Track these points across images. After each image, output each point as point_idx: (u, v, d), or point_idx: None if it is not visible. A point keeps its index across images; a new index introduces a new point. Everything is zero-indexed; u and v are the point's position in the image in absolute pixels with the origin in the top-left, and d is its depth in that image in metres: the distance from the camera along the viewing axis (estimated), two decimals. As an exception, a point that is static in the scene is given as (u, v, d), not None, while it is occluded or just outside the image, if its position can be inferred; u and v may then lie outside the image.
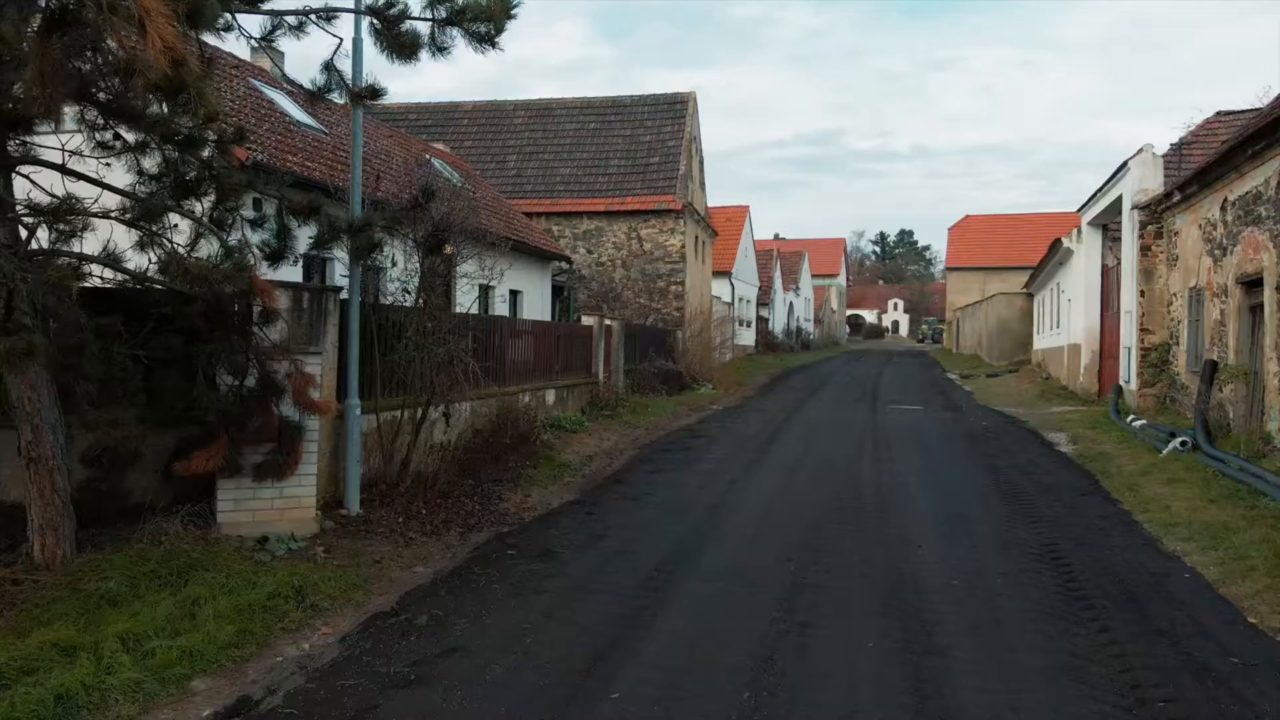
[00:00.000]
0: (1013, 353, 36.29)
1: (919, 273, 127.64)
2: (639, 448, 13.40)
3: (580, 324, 18.19)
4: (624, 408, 17.16)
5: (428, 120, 31.26)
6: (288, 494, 7.20)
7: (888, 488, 10.30)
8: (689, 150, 28.74)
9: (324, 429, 7.92)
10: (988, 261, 54.81)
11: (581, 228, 27.66)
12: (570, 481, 10.53)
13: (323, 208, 7.29)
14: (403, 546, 7.32)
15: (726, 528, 8.31)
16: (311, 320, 7.71)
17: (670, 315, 26.94)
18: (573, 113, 30.55)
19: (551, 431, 13.14)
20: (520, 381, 13.26)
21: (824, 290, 74.73)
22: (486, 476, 9.86)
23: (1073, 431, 15.19)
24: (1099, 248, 21.21)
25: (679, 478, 10.89)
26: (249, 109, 14.79)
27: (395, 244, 8.66)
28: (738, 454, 12.86)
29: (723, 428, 16.05)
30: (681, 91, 30.27)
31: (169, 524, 6.53)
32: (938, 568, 6.93)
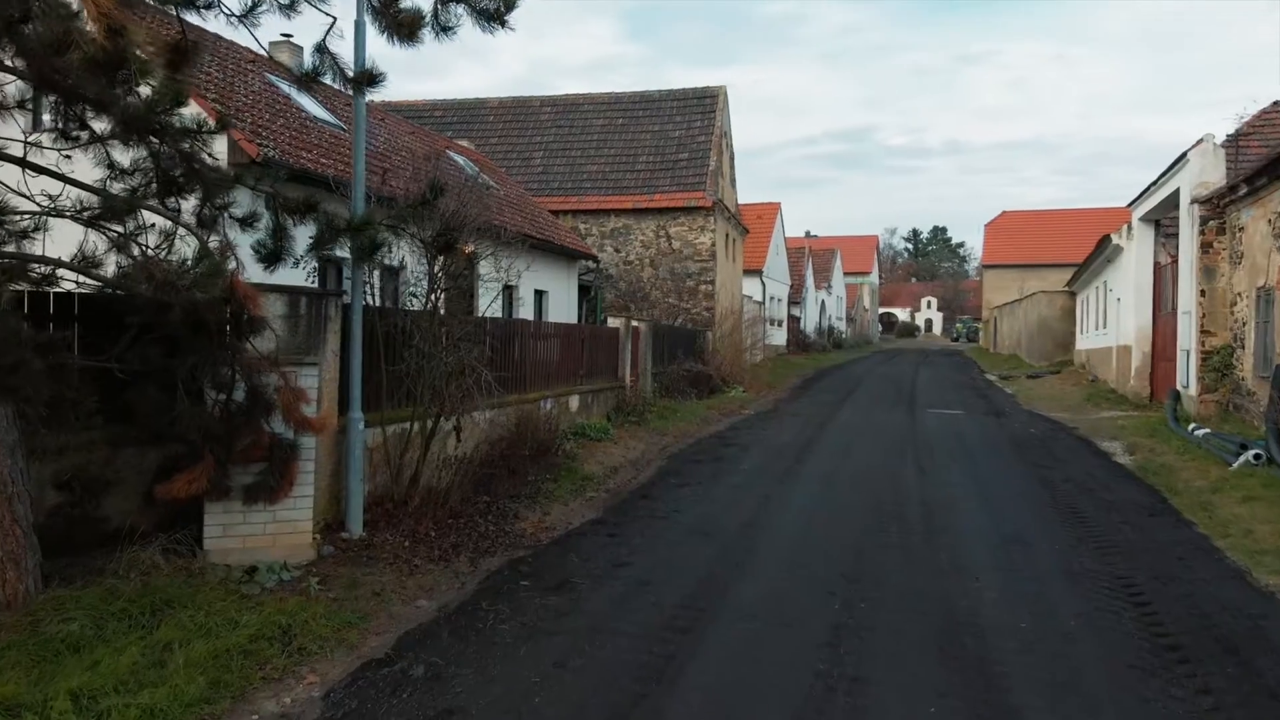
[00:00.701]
0: (1054, 353, 35.13)
1: (952, 270, 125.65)
2: (666, 457, 12.71)
3: (606, 326, 17.53)
4: (651, 413, 16.47)
5: (452, 118, 30.77)
6: (281, 518, 6.60)
7: (934, 504, 9.52)
8: (719, 146, 27.98)
9: (324, 445, 7.32)
10: (1026, 259, 53.44)
11: (609, 226, 27.00)
12: (593, 497, 9.86)
13: (320, 205, 6.67)
14: (407, 575, 6.69)
15: (761, 552, 7.60)
16: (310, 328, 7.11)
17: (700, 315, 26.21)
18: (600, 108, 29.89)
19: (575, 440, 12.49)
20: (542, 387, 12.63)
21: (856, 288, 73.55)
22: (503, 492, 9.22)
23: (1128, 440, 14.27)
24: (1151, 245, 20.17)
25: (709, 492, 10.18)
26: (264, 104, 14.31)
27: (404, 245, 8.04)
28: (771, 464, 12.13)
29: (755, 435, 15.32)
30: (711, 86, 29.51)
31: (148, 553, 5.95)
32: (1000, 605, 6.17)
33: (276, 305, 6.90)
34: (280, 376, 5.83)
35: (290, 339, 6.97)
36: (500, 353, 11.00)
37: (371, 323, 7.90)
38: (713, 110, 28.68)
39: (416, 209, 7.27)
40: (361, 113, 7.58)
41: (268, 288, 6.92)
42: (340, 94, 19.57)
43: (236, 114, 12.81)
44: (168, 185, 6.19)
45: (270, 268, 6.93)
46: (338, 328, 7.43)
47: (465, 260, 18.90)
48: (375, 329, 7.90)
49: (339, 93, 19.55)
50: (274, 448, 6.23)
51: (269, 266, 6.91)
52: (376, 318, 7.94)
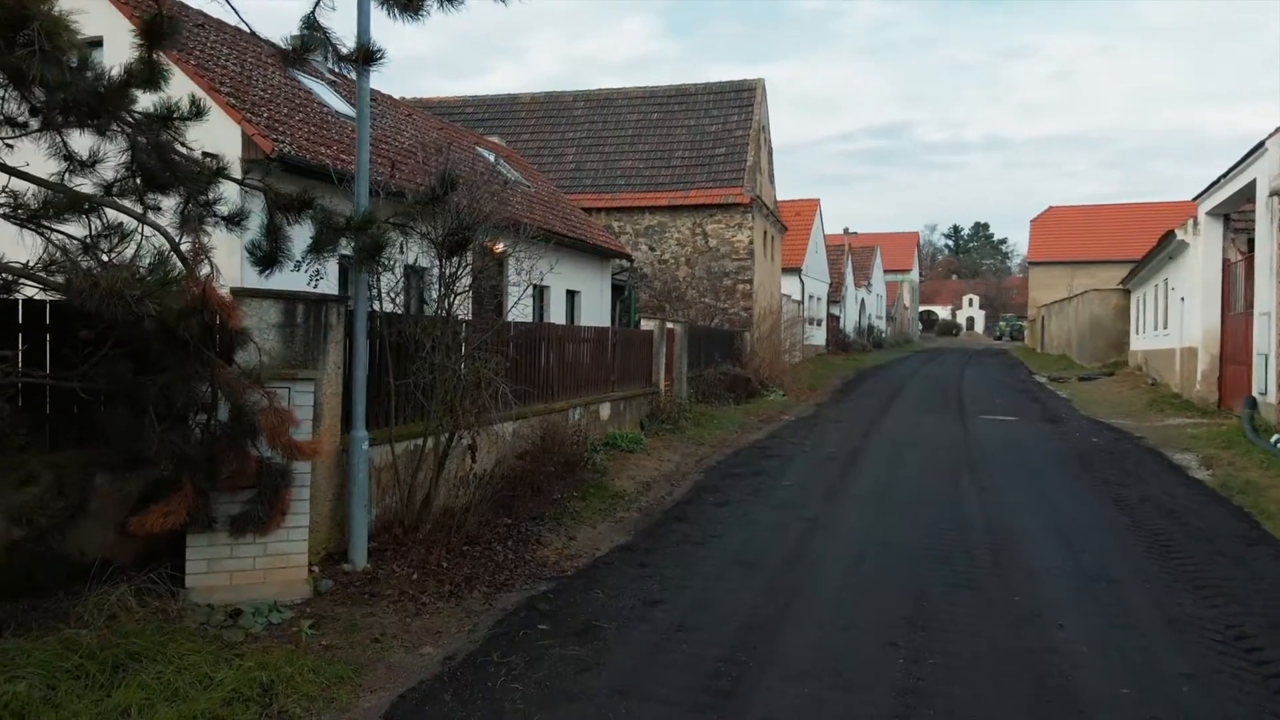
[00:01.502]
0: (1106, 353, 33.71)
1: (995, 267, 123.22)
2: (703, 470, 11.90)
3: (639, 329, 16.76)
4: (687, 420, 15.67)
5: (484, 114, 30.18)
6: (273, 551, 5.91)
7: (1000, 530, 8.61)
8: (757, 140, 27.06)
9: (325, 467, 6.63)
10: (1074, 255, 51.75)
11: (643, 223, 26.22)
12: (623, 518, 9.08)
13: (317, 201, 5.97)
14: (412, 616, 5.96)
15: (811, 590, 6.77)
16: (308, 337, 6.42)
17: (737, 316, 25.34)
18: (634, 103, 29.11)
19: (605, 452, 11.73)
20: (570, 395, 11.88)
21: (896, 286, 72.00)
22: (525, 513, 8.49)
23: (1203, 452, 13.19)
24: (1220, 240, 18.93)
25: (749, 512, 9.36)
26: (282, 99, 13.73)
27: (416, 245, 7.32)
28: (816, 479, 11.27)
29: (797, 444, 14.44)
30: (749, 79, 28.60)
31: (119, 593, 5.28)
32: (1093, 663, 5.29)
33: (270, 313, 6.23)
34: (265, 395, 5.12)
35: (286, 350, 6.29)
36: (525, 359, 10.27)
37: (379, 331, 7.20)
38: (750, 104, 27.77)
39: (425, 205, 6.53)
40: (365, 96, 6.87)
41: (261, 294, 6.26)
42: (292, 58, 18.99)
43: (252, 109, 12.25)
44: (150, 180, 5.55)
45: (266, 271, 6.25)
46: (340, 337, 6.74)
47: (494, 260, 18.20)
48: (384, 337, 7.20)
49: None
50: (263, 474, 5.54)
51: (265, 270, 6.24)
52: (385, 325, 7.23)
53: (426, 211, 6.62)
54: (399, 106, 19.38)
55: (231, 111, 11.64)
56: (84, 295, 4.11)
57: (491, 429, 9.00)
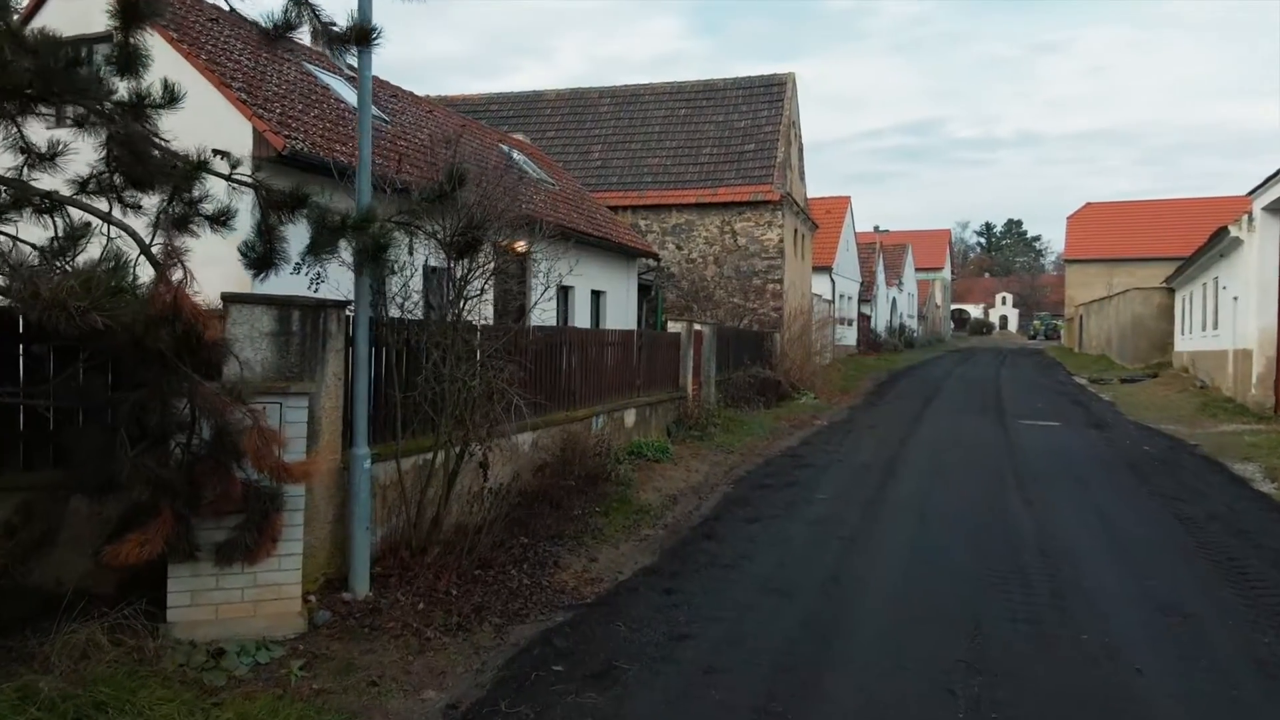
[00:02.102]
0: (1149, 354, 32.64)
1: (1028, 264, 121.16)
2: (733, 481, 11.30)
3: (665, 332, 16.20)
4: (715, 426, 15.07)
5: (509, 111, 29.74)
6: (263, 581, 5.41)
7: (1055, 551, 7.95)
8: (787, 136, 26.37)
9: (324, 487, 6.13)
10: (1112, 253, 50.40)
11: (670, 222, 25.63)
12: (648, 536, 8.52)
13: (311, 198, 5.47)
14: (415, 653, 5.44)
15: (853, 622, 6.16)
16: (304, 347, 5.92)
17: (767, 316, 24.68)
18: (661, 99, 28.53)
19: (629, 461, 11.17)
20: (593, 402, 11.34)
21: (928, 284, 70.84)
22: (544, 531, 7.95)
23: (1266, 462, 12.39)
24: (1277, 237, 18.00)
25: (783, 530, 8.76)
26: (298, 94, 13.32)
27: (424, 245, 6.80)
28: (852, 491, 10.64)
29: (830, 452, 13.80)
30: (779, 73, 27.91)
31: (90, 630, 4.80)
32: (1182, 717, 4.66)
33: (263, 321, 5.74)
34: (249, 414, 4.61)
35: (280, 361, 5.80)
36: (545, 365, 9.75)
37: (383, 338, 6.69)
38: (780, 99, 27.09)
39: (431, 203, 6.01)
40: (367, 83, 6.37)
41: (252, 299, 5.77)
42: (385, 84, 18.61)
43: (265, 104, 11.84)
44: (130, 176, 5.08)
45: (261, 275, 5.77)
46: (341, 346, 6.23)
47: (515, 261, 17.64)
48: (389, 345, 6.69)
49: (384, 83, 18.60)
50: (250, 498, 5.04)
51: (259, 273, 5.76)
52: (390, 332, 6.72)
53: (433, 209, 6.10)
54: (420, 102, 18.95)
55: (242, 107, 11.24)
56: (27, 305, 3.62)
57: (508, 441, 8.49)
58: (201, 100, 11.58)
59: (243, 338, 5.68)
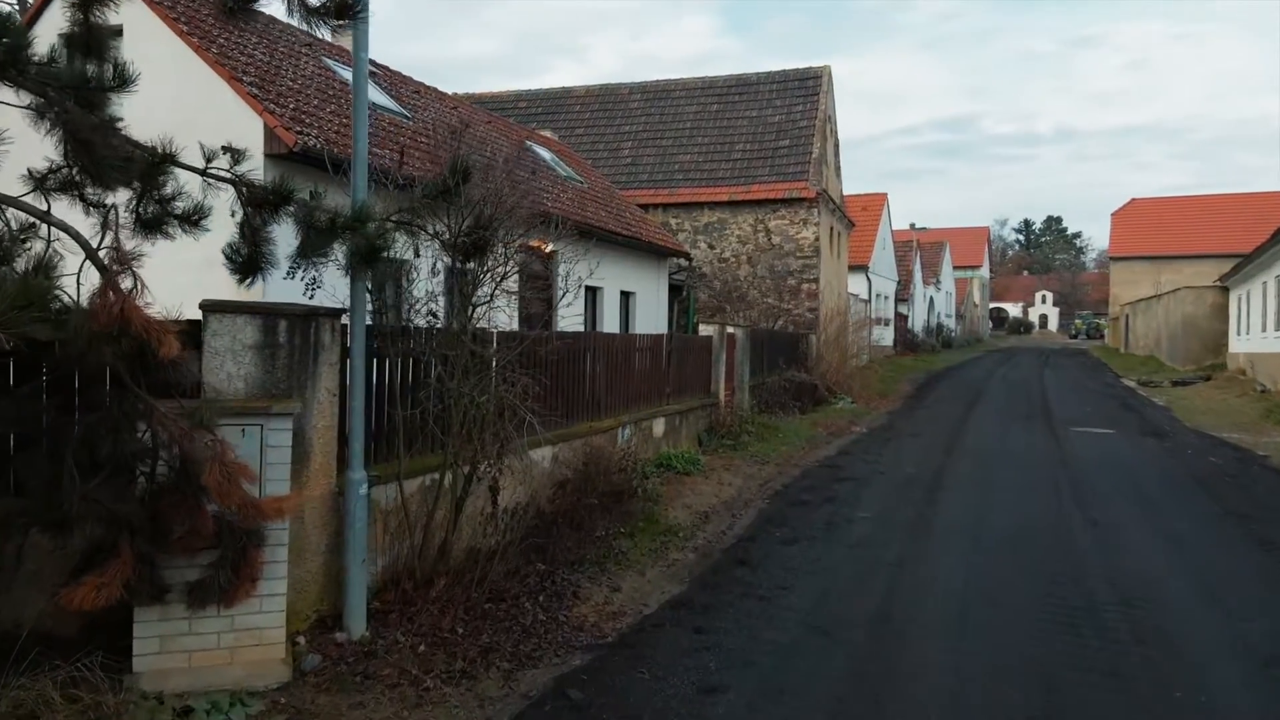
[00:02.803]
0: (1201, 355, 31.36)
1: (1068, 262, 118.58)
2: (768, 497, 10.59)
3: (697, 335, 15.51)
4: (749, 434, 14.36)
5: (537, 108, 29.21)
6: (242, 625, 4.83)
7: (1127, 582, 7.17)
8: (823, 131, 25.54)
9: (316, 514, 5.55)
10: (1159, 250, 48.86)
11: (702, 220, 24.92)
12: (677, 560, 7.85)
13: (296, 195, 4.88)
14: (412, 706, 4.82)
15: (905, 673, 5.45)
16: (293, 360, 5.33)
17: (802, 317, 23.88)
18: (693, 94, 27.81)
19: (658, 474, 10.52)
20: (620, 411, 10.70)
21: (966, 283, 69.34)
22: (563, 557, 7.32)
23: (1347, 477, 11.45)
24: (1349, 233, 16.93)
25: (823, 555, 8.05)
26: (314, 89, 12.82)
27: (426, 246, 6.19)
28: (897, 509, 9.90)
29: (871, 463, 13.04)
30: (814, 66, 27.08)
31: (43, 684, 4.24)
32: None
33: (245, 332, 5.16)
34: (213, 443, 4.02)
35: (265, 376, 5.22)
36: (568, 373, 9.13)
37: (386, 350, 6.09)
38: (815, 93, 26.26)
39: (434, 199, 5.40)
40: (362, 65, 5.77)
41: (233, 308, 5.19)
42: (406, 79, 18.10)
43: (277, 100, 11.35)
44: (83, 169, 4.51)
45: (246, 280, 5.20)
46: (335, 359, 5.64)
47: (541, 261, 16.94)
48: (390, 357, 6.09)
49: (405, 78, 18.09)
50: (224, 534, 4.46)
51: (245, 279, 5.20)
52: (391, 342, 6.12)
53: (435, 207, 5.48)
54: (444, 99, 18.42)
55: (253, 102, 10.75)
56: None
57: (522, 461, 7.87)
58: (211, 96, 11.12)
59: (223, 351, 5.11)
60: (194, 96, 11.19)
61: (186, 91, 11.24)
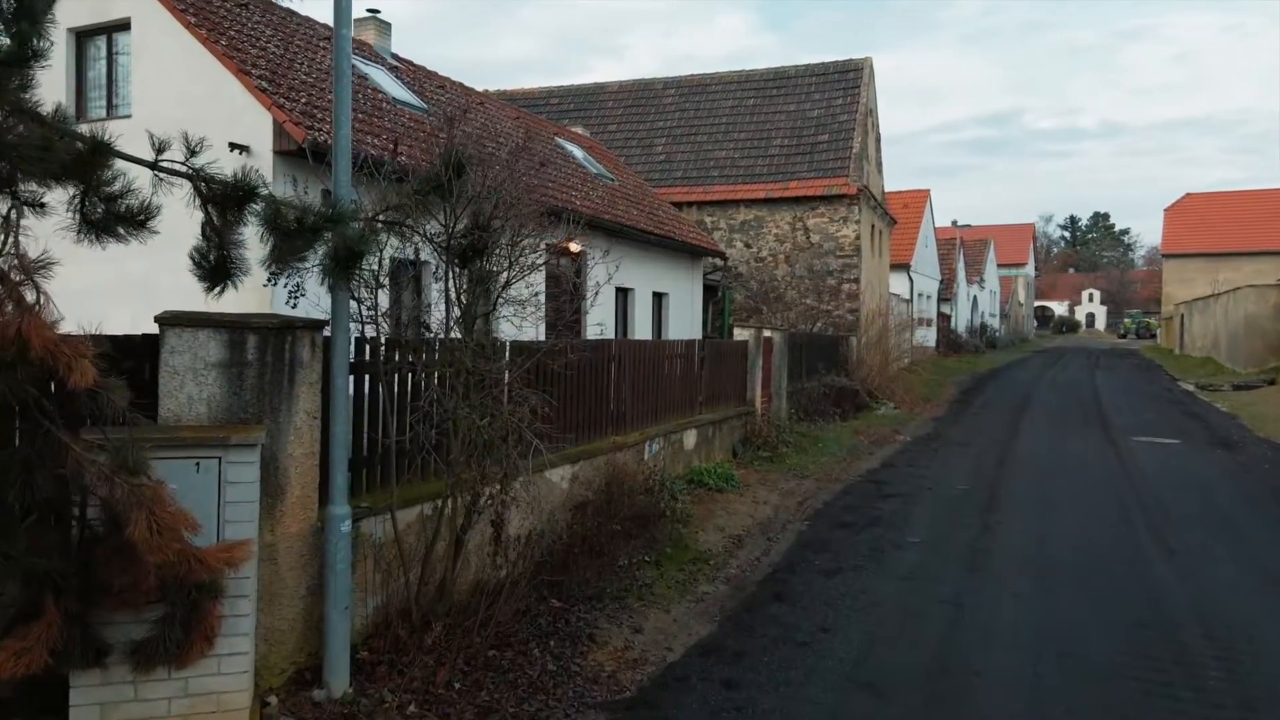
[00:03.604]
0: (1264, 357, 29.82)
1: (1116, 259, 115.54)
2: (807, 517, 9.80)
3: (731, 340, 14.73)
4: (786, 445, 13.55)
5: (569, 104, 28.57)
6: (197, 689, 4.18)
7: (1227, 632, 6.28)
8: (864, 125, 24.58)
9: (294, 554, 4.89)
10: (1216, 246, 47.05)
11: (738, 218, 24.10)
12: (706, 594, 7.11)
13: (259, 190, 4.22)
14: (391, 786, 4.15)
15: (971, 744, 4.67)
16: (263, 380, 4.67)
17: (842, 318, 22.97)
18: (729, 88, 26.98)
19: (688, 492, 9.78)
20: (647, 423, 9.97)
21: (1010, 281, 67.57)
22: (579, 591, 6.61)
23: None
24: None
25: (870, 587, 7.26)
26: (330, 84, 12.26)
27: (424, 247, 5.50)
28: (949, 533, 9.06)
29: (918, 477, 12.17)
30: (855, 58, 26.11)
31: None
32: None
33: (209, 348, 4.51)
34: (143, 487, 3.36)
35: (232, 399, 4.57)
36: (588, 385, 8.42)
37: (375, 365, 5.42)
38: (856, 85, 25.30)
39: (425, 196, 4.71)
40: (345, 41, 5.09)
41: (195, 321, 4.55)
42: (431, 74, 17.52)
43: (289, 94, 10.80)
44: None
45: (215, 289, 4.54)
46: (315, 377, 4.97)
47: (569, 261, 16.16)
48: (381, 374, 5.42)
49: (430, 73, 17.51)
50: (169, 588, 3.81)
51: (213, 287, 4.53)
52: (382, 356, 5.45)
53: (426, 205, 4.79)
54: (470, 94, 17.82)
55: (261, 96, 10.20)
56: None
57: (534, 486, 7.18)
58: (219, 90, 10.57)
59: (183, 370, 4.47)
60: (202, 91, 10.67)
61: (194, 86, 10.73)
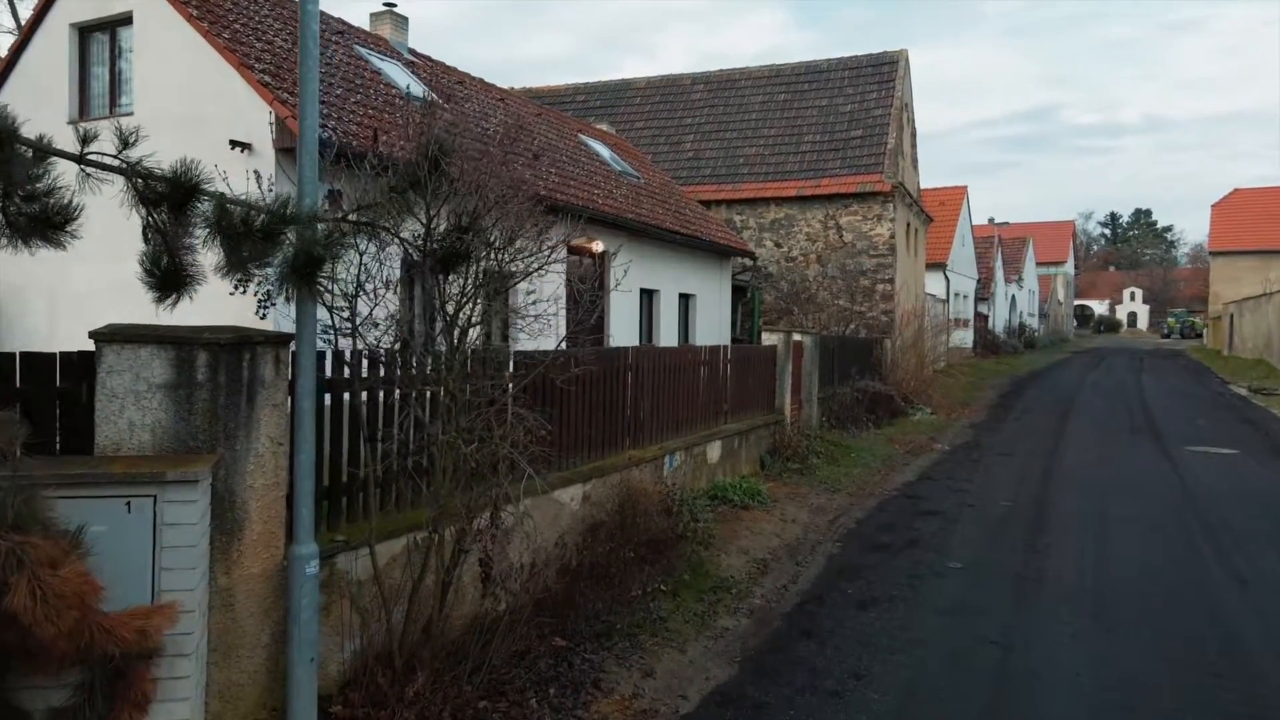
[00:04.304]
0: (1321, 360, 28.55)
1: (1159, 257, 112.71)
2: (839, 538, 9.12)
3: (758, 345, 14.06)
4: (817, 455, 12.86)
5: (596, 101, 28.02)
6: (130, 762, 3.63)
7: (1310, 679, 5.54)
8: (899, 120, 23.74)
9: (256, 598, 4.34)
10: (1268, 243, 45.44)
11: (768, 217, 23.39)
12: (726, 630, 6.47)
13: (201, 187, 3.67)
14: None
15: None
16: (216, 403, 4.12)
17: (876, 320, 22.18)
18: (759, 84, 26.27)
19: (711, 509, 9.15)
20: (667, 435, 9.35)
21: (1049, 280, 65.98)
22: (586, 627, 6.01)
23: None
24: None
25: (908, 623, 6.58)
26: (340, 78, 11.79)
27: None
28: (994, 558, 8.34)
29: (958, 491, 11.43)
30: (890, 50, 25.26)
31: None
32: None
33: (152, 368, 3.98)
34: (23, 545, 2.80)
35: (180, 424, 4.03)
36: (601, 397, 7.82)
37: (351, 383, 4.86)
38: (891, 79, 24.48)
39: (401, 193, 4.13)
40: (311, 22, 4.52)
41: (137, 337, 4.01)
42: (450, 70, 17.00)
43: (294, 88, 10.30)
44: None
45: (168, 299, 4.01)
46: (281, 398, 4.42)
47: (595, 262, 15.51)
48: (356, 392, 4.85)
49: (448, 68, 17.00)
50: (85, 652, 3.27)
51: (165, 297, 4.00)
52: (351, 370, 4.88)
53: (405, 203, 4.21)
54: (490, 90, 17.30)
55: (262, 90, 9.74)
56: None
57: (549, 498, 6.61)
58: (222, 85, 10.11)
59: (122, 393, 3.93)
60: (205, 87, 10.23)
61: (197, 82, 10.29)
